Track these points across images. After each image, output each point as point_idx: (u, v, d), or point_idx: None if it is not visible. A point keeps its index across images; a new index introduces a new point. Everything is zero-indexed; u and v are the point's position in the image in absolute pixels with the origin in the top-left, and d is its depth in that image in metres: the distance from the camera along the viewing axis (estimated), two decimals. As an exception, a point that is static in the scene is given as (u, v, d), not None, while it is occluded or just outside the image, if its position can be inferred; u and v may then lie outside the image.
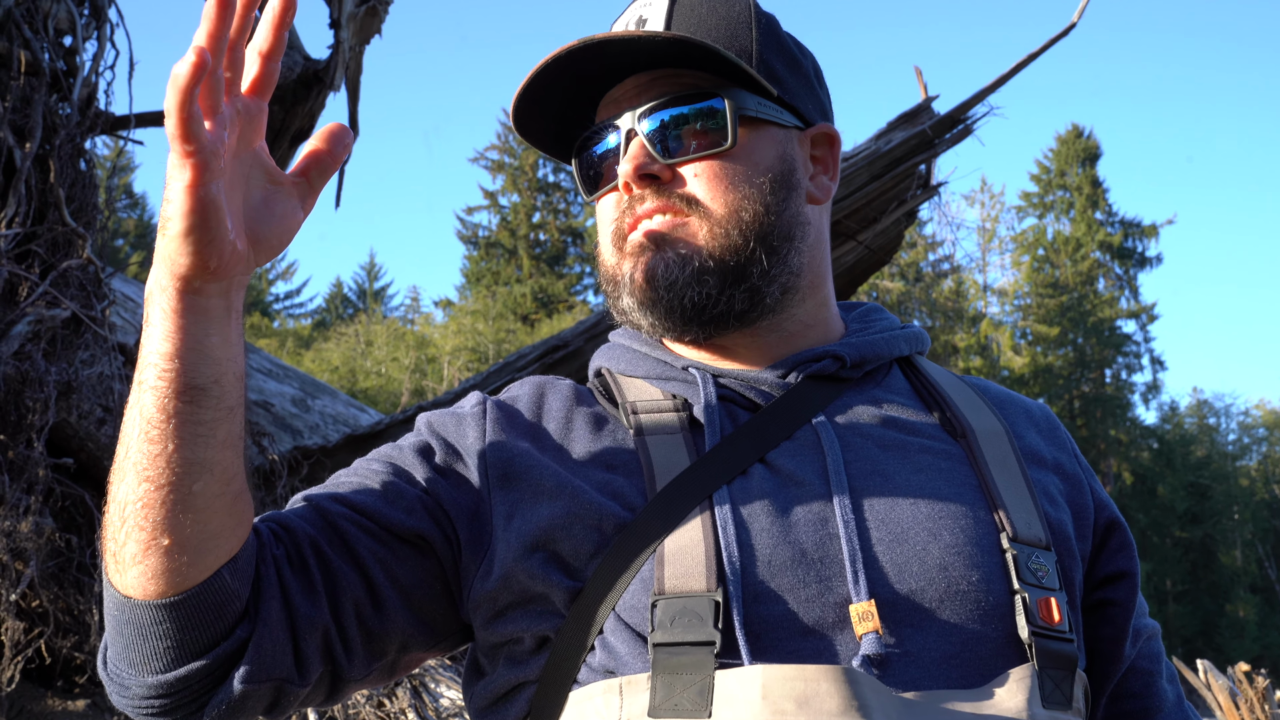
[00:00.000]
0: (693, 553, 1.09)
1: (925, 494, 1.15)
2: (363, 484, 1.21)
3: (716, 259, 1.21)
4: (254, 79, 0.98)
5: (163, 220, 0.94)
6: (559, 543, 1.13)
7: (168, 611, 1.04)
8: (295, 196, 1.02)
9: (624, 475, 1.18)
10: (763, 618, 1.07)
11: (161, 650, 1.05)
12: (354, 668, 1.16)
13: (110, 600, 1.07)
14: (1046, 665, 1.08)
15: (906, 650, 1.07)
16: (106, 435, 4.13)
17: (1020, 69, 6.15)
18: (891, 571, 1.10)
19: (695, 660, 1.04)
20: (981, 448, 1.21)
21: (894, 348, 1.30)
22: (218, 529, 1.04)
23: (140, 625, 1.05)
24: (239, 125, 0.96)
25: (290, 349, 32.63)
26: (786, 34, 1.33)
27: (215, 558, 1.04)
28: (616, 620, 1.10)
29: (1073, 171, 40.43)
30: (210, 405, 1.00)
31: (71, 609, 3.88)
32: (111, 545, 1.04)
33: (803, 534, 1.11)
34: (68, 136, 4.30)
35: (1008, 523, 1.14)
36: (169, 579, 1.02)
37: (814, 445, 1.18)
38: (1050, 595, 1.11)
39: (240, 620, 1.08)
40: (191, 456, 1.00)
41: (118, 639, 1.07)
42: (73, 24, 4.61)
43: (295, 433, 7.24)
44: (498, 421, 1.24)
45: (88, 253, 4.18)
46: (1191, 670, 3.71)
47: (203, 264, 0.94)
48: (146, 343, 0.99)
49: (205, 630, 1.05)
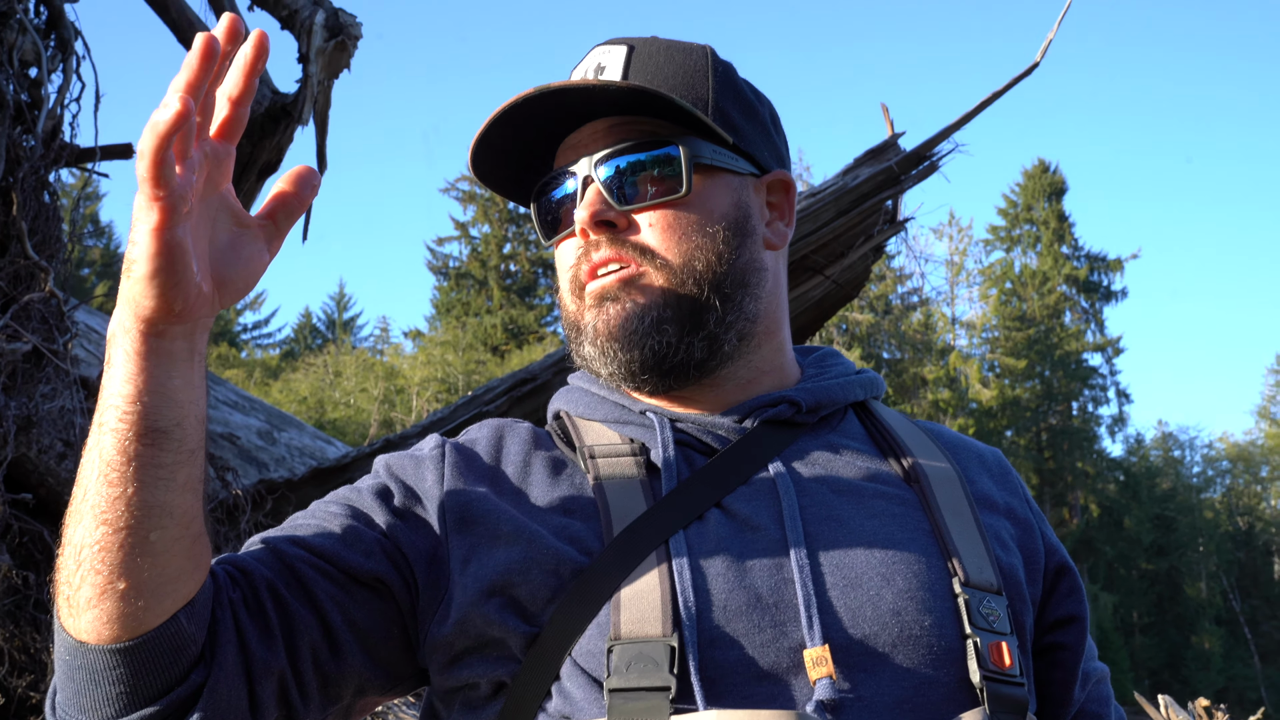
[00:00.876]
0: (649, 598, 1.10)
1: (879, 539, 1.16)
2: (321, 526, 1.20)
3: (674, 308, 1.22)
4: (223, 123, 0.98)
5: (127, 263, 0.94)
6: (516, 587, 1.13)
7: (122, 656, 1.02)
8: (262, 239, 1.02)
9: (581, 520, 1.18)
10: (718, 663, 1.07)
11: (114, 696, 1.04)
12: (309, 712, 1.15)
13: (62, 645, 1.05)
14: (998, 710, 1.09)
15: (860, 695, 1.07)
16: (67, 470, 4.08)
17: (985, 107, 6.22)
18: (846, 616, 1.11)
19: (650, 705, 1.04)
20: (934, 493, 1.22)
21: (849, 393, 1.32)
22: (175, 573, 1.02)
23: (92, 670, 1.03)
24: (206, 168, 0.96)
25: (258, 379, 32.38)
26: (744, 82, 1.35)
27: (172, 602, 1.03)
28: (573, 666, 1.10)
29: (1039, 205, 40.89)
30: (171, 448, 0.99)
31: (28, 647, 3.81)
32: (65, 589, 1.02)
33: (758, 579, 1.12)
34: (31, 169, 4.27)
35: (960, 568, 1.16)
36: (124, 623, 1.01)
37: (770, 490, 1.19)
38: (1001, 640, 1.12)
39: (195, 665, 1.06)
40: (151, 500, 0.99)
41: (68, 684, 1.05)
42: (38, 55, 4.59)
43: (261, 465, 7.18)
44: (456, 465, 1.24)
45: (50, 286, 4.15)
46: (1153, 705, 3.73)
47: (167, 307, 0.94)
48: (108, 384, 0.99)
49: (160, 676, 1.04)
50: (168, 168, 0.89)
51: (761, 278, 1.29)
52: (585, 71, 1.29)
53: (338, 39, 4.79)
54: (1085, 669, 1.29)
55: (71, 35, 4.78)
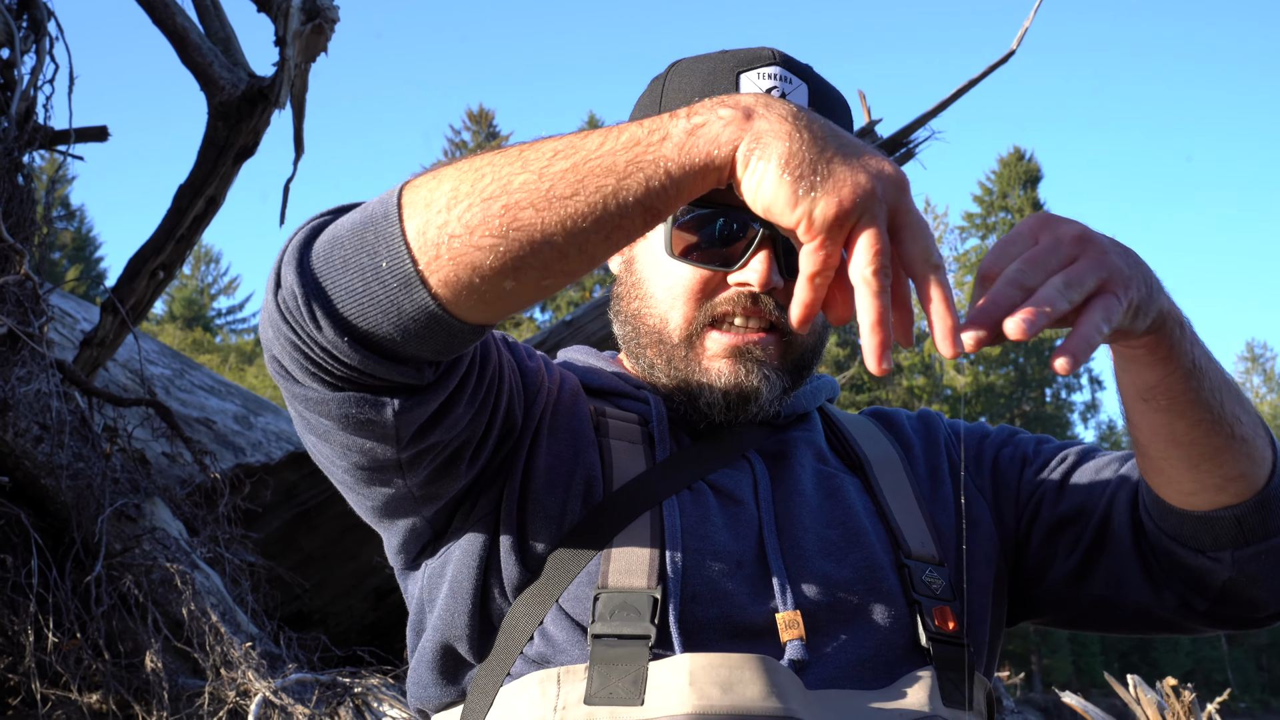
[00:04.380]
0: (638, 552, 1.19)
1: (837, 518, 1.28)
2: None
3: (791, 374, 1.32)
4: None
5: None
6: (530, 525, 1.23)
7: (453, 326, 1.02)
8: None
9: (591, 474, 1.27)
10: (697, 618, 1.16)
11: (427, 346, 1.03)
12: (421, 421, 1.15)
13: (404, 273, 0.99)
14: (944, 668, 1.19)
15: (825, 655, 1.18)
16: (43, 453, 4.07)
17: (961, 94, 6.26)
18: (814, 586, 1.21)
19: (630, 652, 1.12)
20: (878, 477, 1.34)
21: (815, 400, 1.44)
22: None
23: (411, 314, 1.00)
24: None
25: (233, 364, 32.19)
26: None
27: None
28: (558, 611, 1.18)
29: (1015, 193, 41.12)
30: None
31: (5, 630, 3.81)
32: (464, 240, 0.96)
33: (739, 548, 1.23)
34: (5, 151, 4.24)
35: (903, 541, 1.27)
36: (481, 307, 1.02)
37: (749, 474, 1.31)
38: (945, 605, 1.23)
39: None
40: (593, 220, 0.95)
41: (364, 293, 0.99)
42: (10, 37, 4.56)
43: (238, 449, 7.16)
44: (564, 394, 1.34)
45: (25, 269, 4.13)
46: (1122, 685, 3.79)
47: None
48: (673, 156, 0.93)
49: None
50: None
51: None
52: (759, 86, 1.26)
53: (315, 22, 4.77)
54: (1038, 450, 1.41)
55: (45, 16, 4.75)
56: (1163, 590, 1.26)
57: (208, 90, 4.82)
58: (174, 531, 4.43)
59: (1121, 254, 1.01)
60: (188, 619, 3.94)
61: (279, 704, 3.67)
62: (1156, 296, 1.05)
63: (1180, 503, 1.19)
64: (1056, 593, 1.34)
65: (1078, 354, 0.94)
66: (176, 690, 3.85)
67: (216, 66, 4.78)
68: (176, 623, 4.00)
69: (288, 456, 5.68)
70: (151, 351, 7.39)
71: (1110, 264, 0.99)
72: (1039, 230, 1.01)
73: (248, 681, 3.76)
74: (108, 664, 3.87)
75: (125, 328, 5.03)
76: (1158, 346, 1.09)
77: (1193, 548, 1.21)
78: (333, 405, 1.08)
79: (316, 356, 1.04)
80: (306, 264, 1.03)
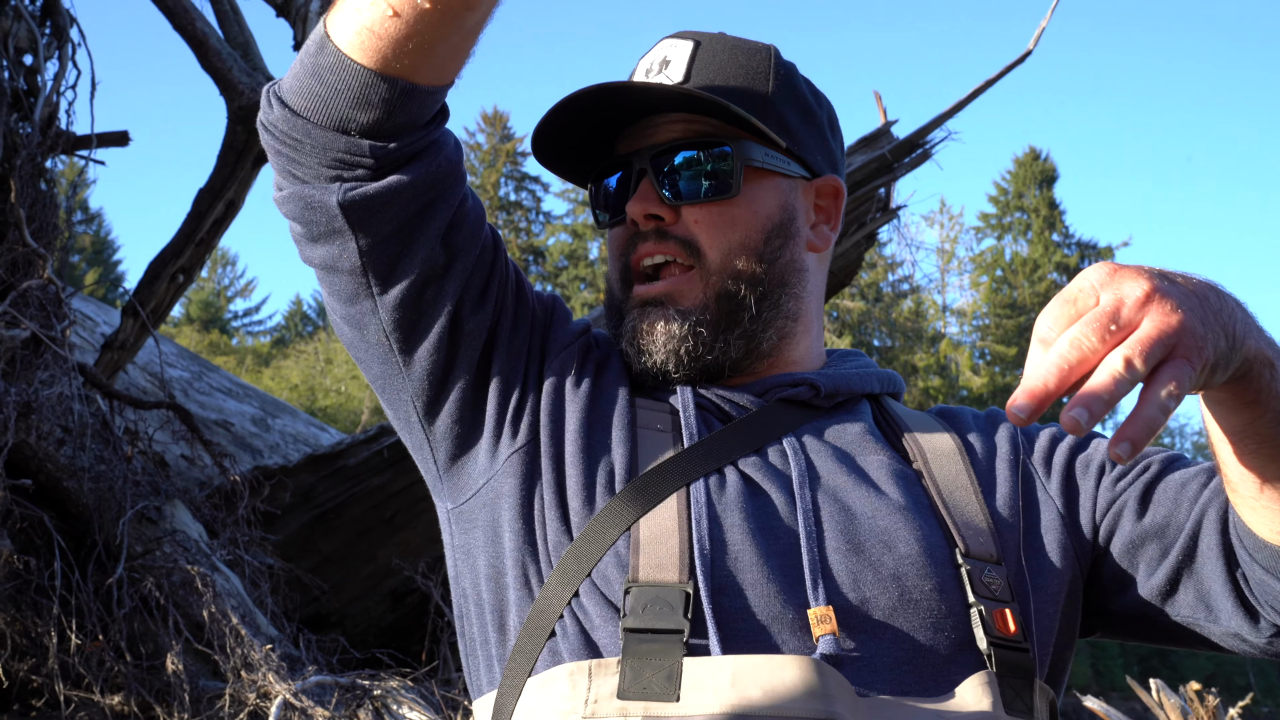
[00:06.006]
0: (667, 544, 1.16)
1: (881, 510, 1.21)
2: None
3: (711, 309, 1.29)
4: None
5: None
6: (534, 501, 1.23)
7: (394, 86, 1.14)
8: None
9: (617, 453, 1.25)
10: (725, 609, 1.13)
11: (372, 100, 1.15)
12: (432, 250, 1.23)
13: (333, 54, 1.14)
14: (1005, 674, 1.13)
15: (861, 654, 1.12)
16: (65, 456, 4.10)
17: (977, 95, 6.25)
18: (847, 580, 1.16)
19: (663, 647, 1.10)
20: (935, 470, 1.27)
21: (866, 384, 1.38)
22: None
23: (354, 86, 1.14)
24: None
25: (250, 366, 32.33)
26: (805, 84, 1.40)
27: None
28: (590, 585, 1.17)
29: (1030, 193, 40.95)
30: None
31: (29, 631, 3.84)
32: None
33: (768, 539, 1.18)
34: (28, 156, 4.27)
35: (960, 539, 1.20)
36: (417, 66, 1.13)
37: (782, 460, 1.25)
38: (1005, 607, 1.16)
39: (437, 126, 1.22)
40: None
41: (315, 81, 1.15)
42: (34, 43, 4.59)
43: (255, 452, 7.19)
44: (597, 360, 1.35)
45: (48, 273, 4.16)
46: (1145, 689, 3.77)
47: None
48: None
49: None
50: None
51: (802, 278, 1.35)
52: (651, 63, 1.34)
53: (334, 26, 4.78)
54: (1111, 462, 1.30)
55: (67, 22, 4.78)
56: (1259, 618, 1.18)
57: (227, 95, 4.85)
58: (194, 534, 4.46)
59: (1196, 306, 0.92)
60: (208, 621, 3.96)
61: (299, 706, 3.69)
62: (1240, 346, 0.96)
63: (1274, 540, 1.11)
64: (1139, 609, 1.26)
65: (1137, 441, 0.86)
66: (197, 692, 3.87)
67: (236, 71, 4.81)
68: (197, 625, 4.02)
69: (305, 459, 5.71)
70: (170, 354, 7.43)
71: (1181, 327, 0.89)
72: (1101, 286, 0.92)
73: (268, 684, 3.78)
74: (129, 666, 3.89)
75: (146, 331, 5.06)
76: (1244, 392, 1.01)
77: None
78: (294, 202, 1.20)
79: (279, 135, 1.18)
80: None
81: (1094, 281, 0.92)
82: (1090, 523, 1.27)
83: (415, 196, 1.20)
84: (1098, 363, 0.88)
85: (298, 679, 3.84)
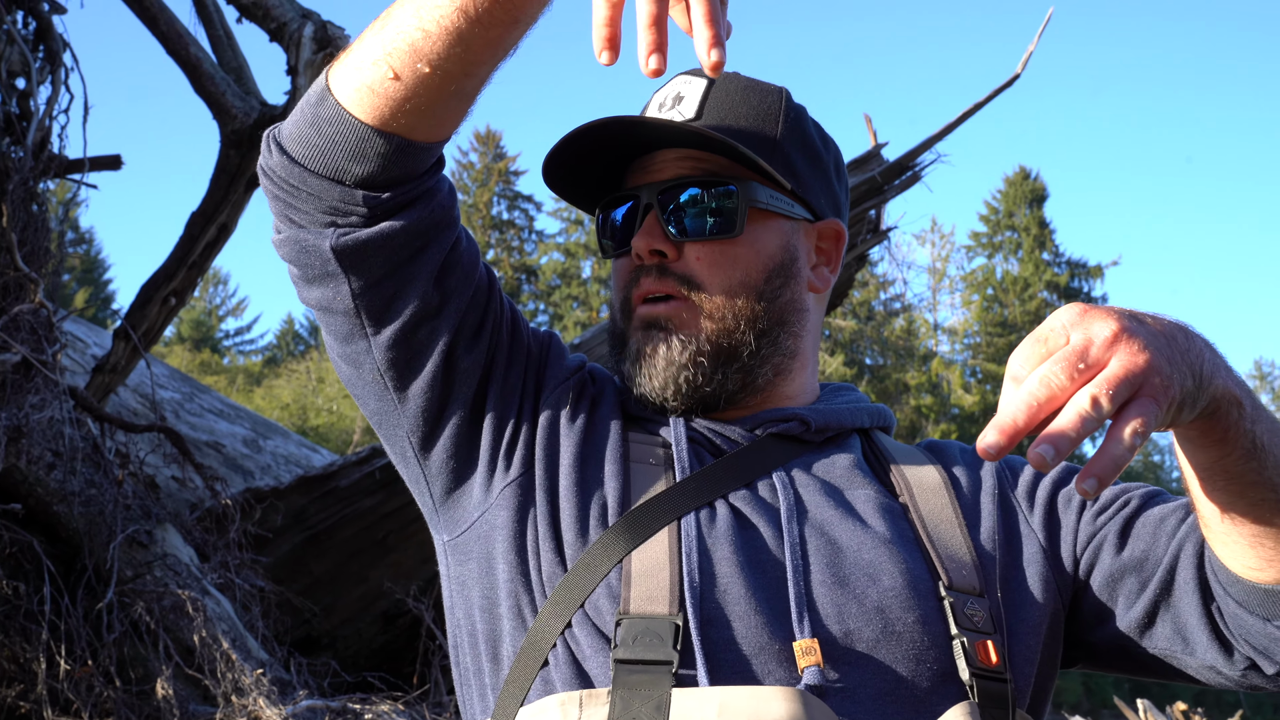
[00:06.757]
0: (658, 577, 1.18)
1: (866, 544, 1.24)
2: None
3: (711, 342, 1.31)
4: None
5: None
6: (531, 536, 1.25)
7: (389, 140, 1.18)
8: None
9: (610, 486, 1.27)
10: (713, 640, 1.15)
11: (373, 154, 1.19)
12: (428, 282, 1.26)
13: (332, 107, 1.18)
14: (986, 704, 1.15)
15: (846, 686, 1.14)
16: (56, 480, 4.10)
17: (967, 117, 6.29)
18: (832, 612, 1.18)
19: (653, 678, 1.12)
20: (920, 504, 1.30)
21: (856, 419, 1.40)
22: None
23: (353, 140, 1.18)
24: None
25: (241, 386, 32.26)
26: (814, 127, 1.42)
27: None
28: (583, 616, 1.19)
29: (1020, 212, 41.11)
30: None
31: (17, 657, 3.82)
32: (375, 68, 1.14)
33: (756, 572, 1.20)
34: (21, 180, 4.28)
35: (943, 572, 1.22)
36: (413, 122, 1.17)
37: (771, 494, 1.28)
38: (987, 638, 1.19)
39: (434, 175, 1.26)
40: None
41: (315, 133, 1.18)
42: (27, 67, 4.61)
43: (247, 473, 7.18)
44: (587, 380, 1.39)
45: (39, 297, 4.16)
46: (1132, 709, 3.79)
47: None
48: None
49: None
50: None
51: (802, 317, 1.38)
52: (665, 99, 1.37)
53: (326, 51, 4.81)
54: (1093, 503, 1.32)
55: (60, 47, 4.80)
56: (1233, 651, 1.20)
57: (220, 119, 4.87)
58: (185, 557, 4.45)
59: (1164, 346, 0.95)
60: (199, 646, 3.95)
61: (290, 731, 3.68)
62: (1207, 385, 0.99)
63: (1246, 575, 1.13)
64: (1118, 642, 1.28)
65: (1104, 477, 0.88)
66: (188, 717, 3.86)
67: (229, 95, 4.83)
68: (187, 649, 4.02)
69: (297, 480, 5.70)
70: (161, 376, 7.42)
71: (1148, 366, 0.92)
72: (1071, 326, 0.94)
73: (259, 709, 3.77)
74: (119, 691, 3.88)
75: (137, 354, 5.06)
76: (1212, 430, 1.03)
77: (1261, 616, 1.15)
78: (290, 246, 1.23)
79: (277, 181, 1.21)
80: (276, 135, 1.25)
81: (1064, 321, 0.95)
82: (1071, 556, 1.29)
83: (407, 242, 1.22)
84: (1066, 400, 0.91)
85: (288, 703, 3.84)
